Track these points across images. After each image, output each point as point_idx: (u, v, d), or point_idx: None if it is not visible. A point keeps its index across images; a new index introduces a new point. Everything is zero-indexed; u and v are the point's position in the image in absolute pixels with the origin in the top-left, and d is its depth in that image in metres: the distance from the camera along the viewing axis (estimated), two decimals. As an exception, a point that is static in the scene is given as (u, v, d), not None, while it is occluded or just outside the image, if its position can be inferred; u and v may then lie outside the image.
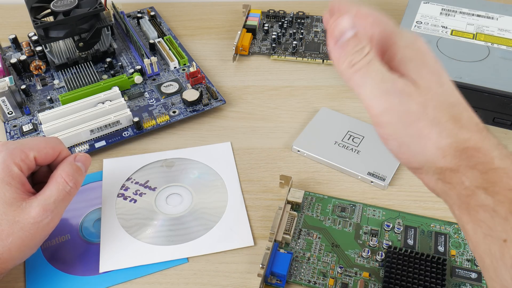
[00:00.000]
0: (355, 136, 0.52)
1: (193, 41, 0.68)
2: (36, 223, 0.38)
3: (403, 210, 0.46)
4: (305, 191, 0.48)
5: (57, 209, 0.39)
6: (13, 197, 0.38)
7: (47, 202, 0.39)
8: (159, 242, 0.44)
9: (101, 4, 0.58)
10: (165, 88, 0.59)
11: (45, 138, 0.43)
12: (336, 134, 0.52)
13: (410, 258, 0.41)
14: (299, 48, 0.65)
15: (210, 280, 0.42)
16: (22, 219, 0.38)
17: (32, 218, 0.38)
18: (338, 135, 0.52)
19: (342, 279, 0.41)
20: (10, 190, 0.38)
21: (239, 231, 0.45)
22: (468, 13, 0.62)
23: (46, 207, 0.39)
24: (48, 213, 0.39)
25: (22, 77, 0.61)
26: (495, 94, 0.51)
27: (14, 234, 0.37)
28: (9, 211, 0.38)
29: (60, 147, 0.43)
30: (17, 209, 0.38)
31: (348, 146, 0.51)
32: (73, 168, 0.41)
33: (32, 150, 0.41)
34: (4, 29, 0.70)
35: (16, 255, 0.38)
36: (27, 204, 0.38)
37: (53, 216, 0.39)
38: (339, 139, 0.52)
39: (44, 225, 0.39)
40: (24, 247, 0.38)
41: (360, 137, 0.51)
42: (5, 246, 0.37)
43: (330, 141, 0.52)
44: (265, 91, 0.60)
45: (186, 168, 0.51)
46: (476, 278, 0.41)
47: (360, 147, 0.51)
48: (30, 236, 0.38)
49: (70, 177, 0.41)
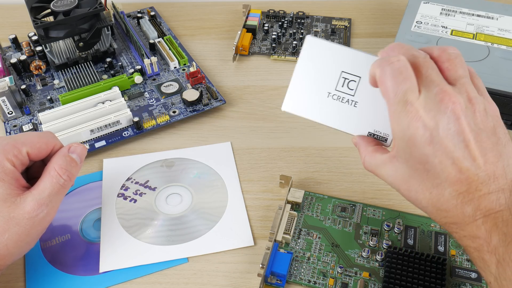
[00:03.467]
0: (350, 78, 0.40)
1: (193, 41, 0.68)
2: (32, 218, 0.38)
3: (403, 210, 0.46)
4: (305, 191, 0.48)
5: (52, 202, 0.39)
6: (7, 193, 0.38)
7: (41, 196, 0.39)
8: (159, 242, 0.44)
9: (101, 4, 0.58)
10: (165, 88, 0.59)
11: (38, 133, 0.43)
12: (327, 80, 0.41)
13: (410, 258, 0.41)
14: (299, 48, 0.65)
15: (210, 280, 0.42)
16: (17, 215, 0.38)
17: (27, 213, 0.38)
18: (330, 82, 0.40)
19: (342, 279, 0.41)
20: (4, 186, 0.38)
21: (239, 231, 0.45)
22: (468, 13, 0.62)
23: (40, 201, 0.38)
24: (43, 207, 0.39)
25: (22, 77, 0.61)
26: (495, 94, 0.51)
27: (10, 230, 0.37)
28: (4, 207, 0.38)
29: (53, 141, 0.42)
30: (11, 205, 0.38)
31: (343, 97, 0.40)
32: (66, 160, 0.41)
33: (24, 145, 0.40)
34: (4, 29, 0.70)
35: (13, 251, 0.38)
36: (21, 200, 0.38)
37: (48, 210, 0.39)
38: (331, 87, 0.40)
39: (40, 219, 0.39)
40: (21, 242, 0.38)
41: (356, 79, 0.40)
42: (1, 242, 0.37)
43: (322, 93, 0.41)
44: (265, 91, 0.60)
45: (186, 168, 0.51)
46: (476, 278, 0.41)
47: (356, 96, 0.40)
48: (26, 232, 0.38)
49: (63, 170, 0.40)
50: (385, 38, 0.67)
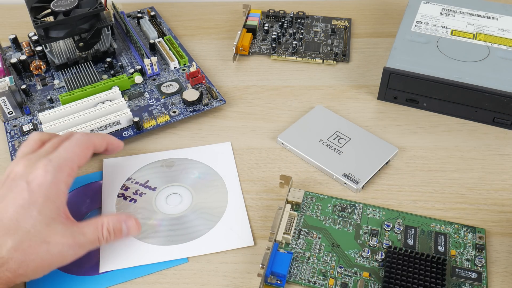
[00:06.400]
0: (342, 137, 0.52)
1: (193, 41, 0.68)
2: (61, 251, 0.38)
3: (403, 210, 0.46)
4: (305, 191, 0.48)
5: (82, 249, 0.40)
6: (52, 218, 0.38)
7: (79, 238, 0.39)
8: (159, 242, 0.44)
9: (101, 4, 0.58)
10: (165, 88, 0.59)
11: (77, 142, 0.43)
12: (323, 132, 0.53)
13: (410, 258, 0.41)
14: (299, 48, 0.65)
15: (210, 280, 0.42)
16: (52, 242, 0.38)
17: (61, 245, 0.38)
18: (325, 134, 0.52)
19: (342, 279, 0.41)
20: (53, 209, 0.39)
21: (239, 231, 0.45)
22: (468, 13, 0.62)
23: (77, 242, 0.39)
24: (76, 249, 0.39)
25: (22, 77, 0.61)
26: (495, 94, 0.51)
27: (38, 253, 0.37)
28: (45, 230, 0.38)
29: (91, 145, 0.44)
30: (52, 230, 0.38)
31: (332, 145, 0.51)
32: (117, 228, 0.41)
33: (75, 162, 0.42)
34: (4, 29, 0.70)
35: (29, 274, 0.37)
36: (62, 230, 0.38)
37: (76, 253, 0.39)
38: (325, 137, 0.52)
39: (65, 257, 0.39)
40: (39, 269, 0.38)
41: (347, 139, 0.52)
42: (25, 261, 0.37)
43: (315, 139, 0.52)
44: (265, 91, 0.60)
45: (186, 168, 0.51)
46: (476, 278, 0.41)
47: (343, 148, 0.51)
48: (49, 261, 0.38)
49: (109, 233, 0.41)
50: (385, 38, 0.67)
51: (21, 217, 0.38)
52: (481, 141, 0.53)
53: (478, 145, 0.53)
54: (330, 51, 0.65)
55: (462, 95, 0.53)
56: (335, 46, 0.65)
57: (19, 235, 0.37)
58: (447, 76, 0.53)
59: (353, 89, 0.60)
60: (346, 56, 0.64)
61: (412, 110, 0.57)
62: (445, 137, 0.54)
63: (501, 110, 0.53)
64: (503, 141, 0.53)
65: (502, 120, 0.54)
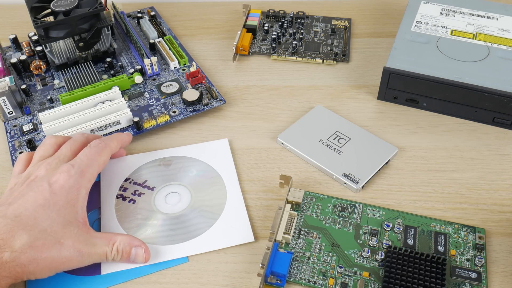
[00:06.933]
0: (342, 137, 0.52)
1: (193, 41, 0.68)
2: (71, 255, 0.39)
3: (403, 210, 0.46)
4: (305, 191, 0.48)
5: (88, 259, 0.40)
6: (69, 221, 0.39)
7: (90, 248, 0.39)
8: (160, 242, 0.44)
9: (101, 4, 0.58)
10: (165, 88, 0.59)
11: (97, 149, 0.44)
12: (323, 132, 0.53)
13: (410, 258, 0.41)
14: (299, 48, 0.65)
15: (210, 280, 0.42)
16: (65, 244, 0.38)
17: (72, 248, 0.39)
18: (325, 134, 0.52)
19: (342, 279, 0.41)
20: (71, 212, 0.40)
21: (239, 227, 0.45)
22: (468, 13, 0.62)
23: (86, 250, 0.39)
24: (84, 257, 0.39)
25: (22, 77, 0.61)
26: (495, 94, 0.51)
27: (50, 253, 0.38)
28: (61, 232, 0.38)
29: (109, 150, 0.46)
30: (67, 233, 0.39)
31: (332, 145, 0.51)
32: (126, 251, 0.41)
33: (95, 169, 0.43)
34: (4, 29, 0.70)
35: (36, 272, 0.38)
36: (77, 235, 0.39)
37: (82, 261, 0.40)
38: (325, 137, 0.52)
39: (72, 261, 0.39)
40: (46, 269, 0.38)
41: (347, 139, 0.52)
42: (37, 258, 0.37)
43: (315, 138, 0.52)
44: (265, 91, 0.60)
45: (184, 166, 0.51)
46: (476, 278, 0.41)
47: (343, 148, 0.51)
48: (58, 263, 0.38)
49: (117, 253, 0.41)
50: (385, 38, 0.67)
51: (40, 215, 0.38)
52: (481, 141, 0.53)
53: (478, 145, 0.53)
54: (330, 51, 0.65)
55: (462, 95, 0.53)
56: (335, 46, 0.65)
57: (35, 232, 0.38)
58: (447, 76, 0.53)
59: (353, 89, 0.60)
60: (346, 56, 0.64)
61: (412, 110, 0.57)
62: (445, 137, 0.54)
63: (501, 110, 0.53)
64: (503, 141, 0.53)
65: (502, 120, 0.54)
